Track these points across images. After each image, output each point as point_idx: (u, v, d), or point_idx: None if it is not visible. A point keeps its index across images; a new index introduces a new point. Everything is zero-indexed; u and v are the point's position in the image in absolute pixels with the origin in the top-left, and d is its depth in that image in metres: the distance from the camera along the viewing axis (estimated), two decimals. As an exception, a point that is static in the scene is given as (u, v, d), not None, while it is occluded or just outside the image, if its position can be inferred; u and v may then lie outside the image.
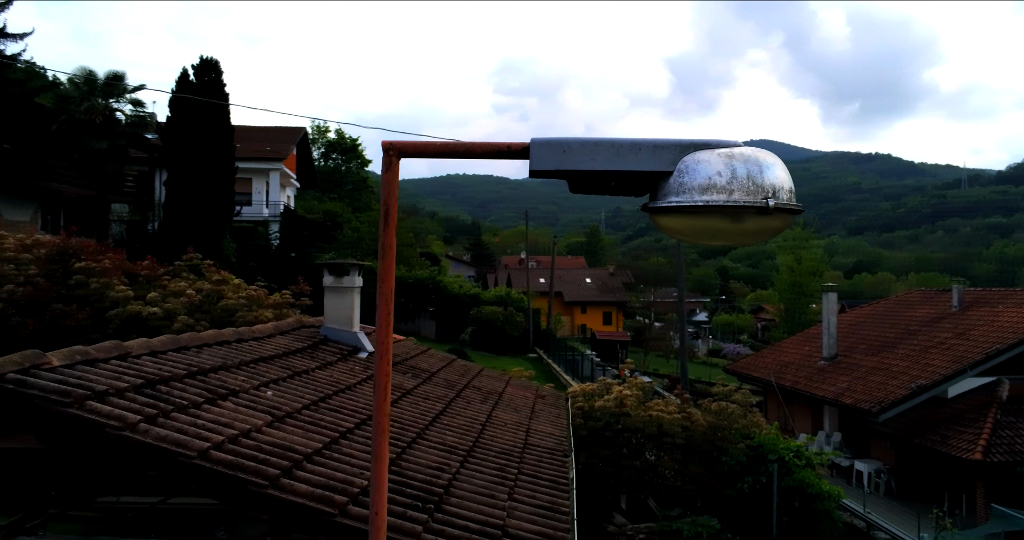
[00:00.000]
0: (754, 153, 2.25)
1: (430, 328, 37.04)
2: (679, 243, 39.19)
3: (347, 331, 7.58)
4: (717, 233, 2.32)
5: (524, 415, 7.35)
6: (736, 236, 2.33)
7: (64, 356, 4.24)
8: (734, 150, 2.24)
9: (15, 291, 10.17)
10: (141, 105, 28.02)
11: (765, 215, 2.21)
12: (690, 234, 2.35)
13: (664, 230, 2.32)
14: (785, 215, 2.29)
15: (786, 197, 2.24)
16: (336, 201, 56.45)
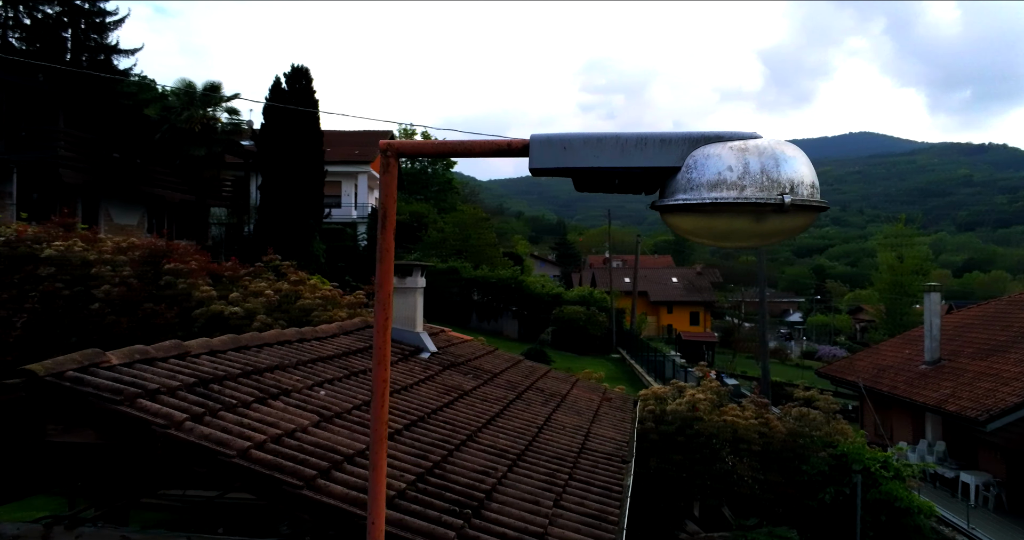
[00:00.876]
0: (771, 145, 2.07)
1: (512, 328, 37.15)
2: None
3: (410, 331, 7.63)
4: (731, 233, 2.15)
5: (586, 418, 7.20)
6: (752, 236, 2.16)
7: (124, 355, 4.42)
8: (749, 143, 2.07)
9: (111, 291, 10.79)
10: (236, 113, 29.38)
11: (782, 213, 2.03)
12: (704, 235, 2.19)
13: (676, 231, 2.17)
14: (807, 213, 2.11)
15: (807, 192, 2.06)
16: (422, 202, 57.56)
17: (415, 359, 7.22)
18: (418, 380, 6.43)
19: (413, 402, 5.72)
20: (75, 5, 45.35)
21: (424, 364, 7.12)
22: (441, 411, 5.76)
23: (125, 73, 47.68)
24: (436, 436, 5.08)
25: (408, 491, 3.94)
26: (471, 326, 37.35)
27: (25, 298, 11.07)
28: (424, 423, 5.32)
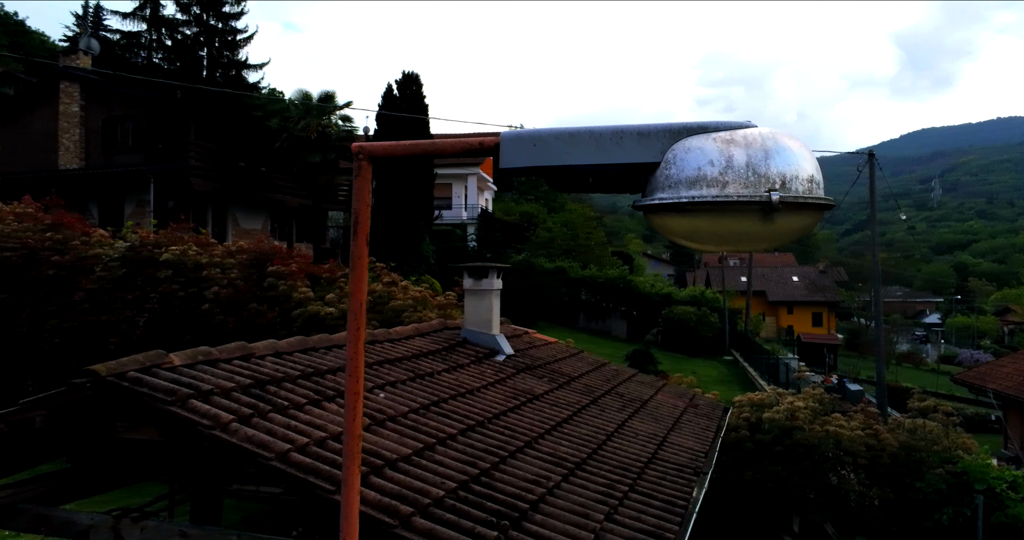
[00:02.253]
0: (762, 136, 1.85)
1: (621, 328, 36.60)
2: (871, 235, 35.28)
3: (486, 333, 7.60)
4: (717, 235, 1.93)
5: (664, 426, 6.90)
6: (742, 239, 1.94)
7: (186, 356, 4.61)
8: (737, 134, 1.85)
9: (219, 292, 11.43)
10: (349, 120, 30.57)
11: (773, 213, 1.81)
12: (689, 237, 1.98)
13: (663, 233, 1.97)
14: (806, 212, 1.86)
15: (802, 188, 1.82)
16: (532, 202, 57.82)
17: (489, 362, 7.17)
18: (487, 383, 6.37)
19: (476, 406, 5.66)
20: (210, 25, 48.68)
21: (497, 367, 7.06)
22: (504, 416, 5.67)
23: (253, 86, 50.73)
24: (492, 442, 4.99)
25: (446, 499, 3.88)
26: (579, 326, 37.13)
27: (146, 299, 11.92)
28: (482, 428, 5.24)
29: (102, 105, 26.66)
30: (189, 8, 47.34)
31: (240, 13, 49.32)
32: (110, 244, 12.64)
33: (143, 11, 47.17)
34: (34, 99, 27.15)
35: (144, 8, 46.98)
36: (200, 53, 47.94)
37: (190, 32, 47.49)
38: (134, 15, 47.07)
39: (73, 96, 26.40)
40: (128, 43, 47.78)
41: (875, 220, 18.02)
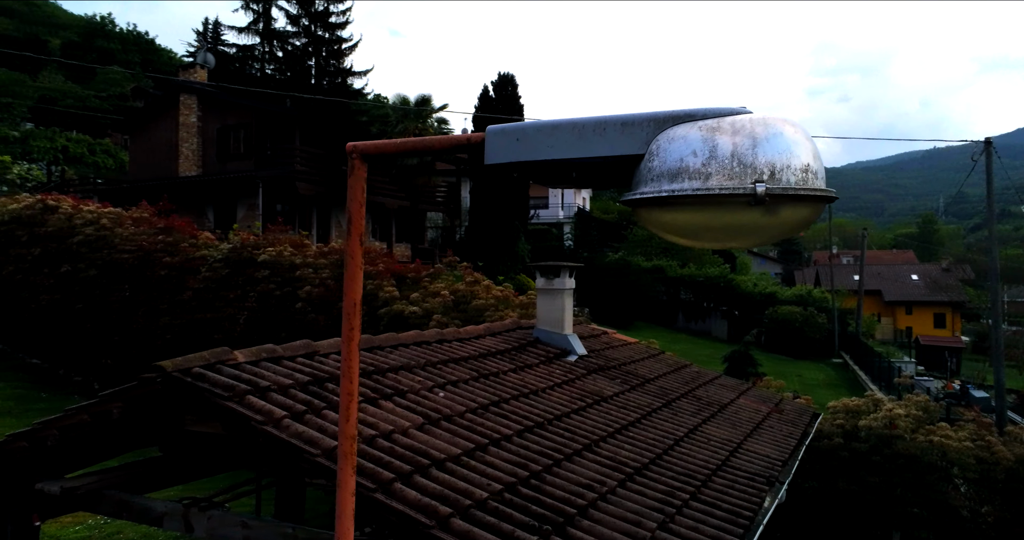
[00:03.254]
0: (751, 123, 1.72)
1: (721, 328, 35.52)
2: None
3: (558, 333, 7.51)
4: (712, 231, 1.83)
5: (741, 431, 6.60)
6: (731, 234, 1.81)
7: (251, 353, 4.78)
8: (724, 121, 1.72)
9: (311, 291, 11.88)
10: (446, 123, 31.23)
11: (759, 206, 1.68)
12: (678, 232, 1.87)
13: (651, 229, 1.87)
14: (800, 203, 1.72)
15: (794, 179, 1.68)
16: (631, 200, 57.07)
17: (559, 362, 7.08)
18: (553, 384, 6.29)
19: (538, 407, 5.60)
20: (317, 36, 50.82)
21: (567, 368, 6.96)
22: (567, 417, 5.57)
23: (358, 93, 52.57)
24: (549, 444, 4.91)
25: (490, 501, 3.83)
26: (677, 326, 36.33)
27: (246, 297, 12.55)
28: (541, 430, 5.17)
29: (217, 115, 28.34)
30: (298, 20, 49.62)
31: (345, 23, 51.21)
32: (215, 246, 13.39)
33: (256, 25, 49.78)
34: (158, 111, 29.21)
35: (257, 22, 49.59)
36: (308, 63, 50.15)
37: (299, 43, 49.78)
38: (248, 29, 49.73)
39: (191, 108, 28.19)
40: (243, 56, 50.56)
41: (993, 212, 16.67)
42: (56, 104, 44.36)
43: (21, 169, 27.35)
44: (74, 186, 27.98)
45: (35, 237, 14.38)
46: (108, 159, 34.34)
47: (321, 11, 49.53)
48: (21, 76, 49.34)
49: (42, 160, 31.89)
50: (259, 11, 48.76)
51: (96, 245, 13.80)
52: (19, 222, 14.63)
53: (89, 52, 60.09)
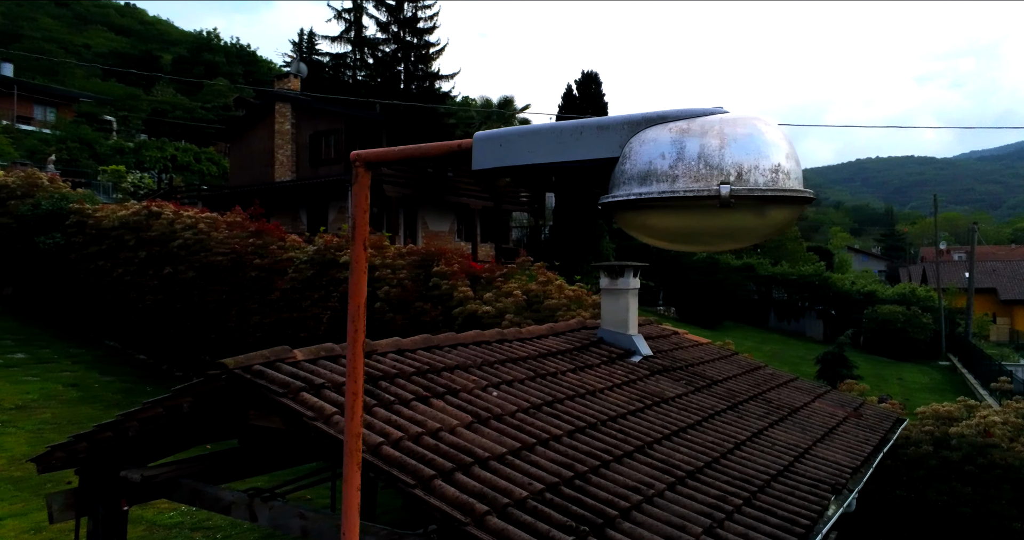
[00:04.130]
0: (722, 123, 1.71)
1: (816, 328, 34.13)
2: None
3: (622, 333, 7.45)
4: (683, 234, 1.83)
5: (811, 436, 6.35)
6: (706, 238, 1.81)
7: (310, 352, 4.99)
8: (695, 122, 1.72)
9: (389, 292, 12.22)
10: (527, 123, 31.38)
11: (727, 209, 1.66)
12: (651, 235, 1.88)
13: (627, 231, 1.89)
14: (775, 205, 1.69)
15: (763, 179, 1.66)
16: (721, 197, 55.76)
17: (621, 363, 7.02)
18: (612, 385, 6.25)
19: (593, 408, 5.58)
20: (406, 41, 52.08)
21: (629, 368, 6.90)
22: (622, 419, 5.53)
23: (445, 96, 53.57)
24: (599, 445, 4.90)
25: (529, 500, 3.87)
26: (769, 326, 35.17)
27: (329, 297, 13.03)
28: (593, 430, 5.16)
29: (309, 122, 29.51)
30: (388, 27, 51.02)
31: (433, 28, 52.27)
32: (301, 248, 13.97)
33: (348, 34, 51.52)
34: (255, 120, 30.70)
35: (349, 31, 51.31)
36: (398, 68, 51.48)
37: (388, 49, 51.19)
38: (340, 38, 51.52)
39: (286, 115, 29.47)
40: (336, 64, 52.42)
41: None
42: (166, 116, 47.34)
43: (134, 178, 29.32)
44: (181, 193, 29.76)
45: (141, 241, 15.40)
46: (212, 166, 36.37)
47: (409, 17, 50.77)
48: (136, 91, 52.94)
49: (153, 169, 34.08)
50: (350, 20, 50.45)
51: (194, 248, 14.65)
52: (127, 227, 15.71)
53: (197, 65, 63.75)
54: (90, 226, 16.27)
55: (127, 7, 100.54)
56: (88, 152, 32.28)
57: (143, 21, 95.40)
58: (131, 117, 47.23)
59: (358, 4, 51.06)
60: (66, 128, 34.43)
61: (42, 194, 17.54)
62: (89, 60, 63.43)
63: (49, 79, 48.58)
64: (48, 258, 16.61)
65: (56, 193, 17.63)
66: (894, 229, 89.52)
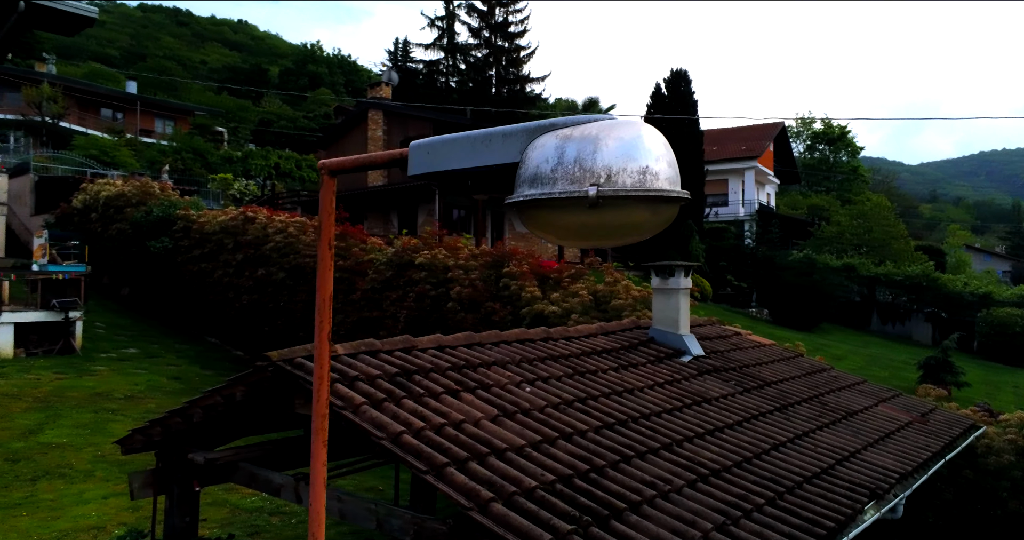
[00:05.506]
0: (599, 129, 1.88)
1: (924, 332, 32.27)
2: None
3: (673, 333, 7.44)
4: (569, 231, 2.00)
5: (862, 440, 6.17)
6: (588, 235, 1.97)
7: (351, 347, 5.33)
8: (577, 128, 1.90)
9: (461, 292, 12.58)
10: (614, 123, 31.24)
11: (597, 208, 1.82)
12: (545, 232, 2.04)
13: (531, 231, 2.07)
14: (646, 204, 1.83)
15: (630, 181, 1.81)
16: (823, 194, 53.39)
17: (669, 362, 7.03)
18: (653, 384, 6.29)
19: (626, 405, 5.66)
20: (497, 46, 52.82)
21: (676, 368, 6.90)
22: (655, 417, 5.58)
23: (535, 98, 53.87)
24: (624, 441, 4.98)
25: (538, 490, 4.02)
26: (871, 329, 33.53)
27: (406, 297, 13.54)
28: (622, 427, 5.24)
29: (400, 128, 30.52)
30: (480, 33, 51.94)
31: (523, 32, 52.77)
32: (381, 250, 14.57)
33: (441, 41, 52.78)
34: (350, 126, 32.02)
35: (441, 38, 52.56)
36: (489, 73, 52.33)
37: (480, 54, 52.11)
38: (433, 45, 52.85)
39: (378, 122, 30.59)
40: (429, 71, 53.80)
41: None
42: (271, 126, 50.00)
43: (240, 185, 31.19)
44: (282, 198, 31.39)
45: (238, 244, 16.47)
46: (312, 173, 38.13)
47: (500, 22, 51.54)
48: (245, 103, 56.13)
49: (259, 176, 36.10)
50: (443, 28, 51.72)
51: (284, 251, 15.54)
52: (226, 231, 16.83)
53: (301, 77, 66.95)
54: (194, 231, 17.53)
55: (240, 24, 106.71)
56: (200, 161, 34.56)
57: (254, 36, 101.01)
58: (240, 128, 50.17)
59: (451, 11, 52.28)
60: (181, 139, 37.00)
61: (154, 202, 19.02)
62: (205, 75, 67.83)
63: (168, 94, 52.29)
64: (158, 261, 18.00)
65: (166, 201, 19.08)
66: (1021, 226, 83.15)
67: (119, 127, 40.67)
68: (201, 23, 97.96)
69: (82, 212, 20.40)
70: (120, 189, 19.83)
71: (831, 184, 55.11)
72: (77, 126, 38.07)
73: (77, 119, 38.87)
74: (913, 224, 58.93)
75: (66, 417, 11.85)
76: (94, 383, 13.70)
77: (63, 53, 56.93)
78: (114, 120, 42.07)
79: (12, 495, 9.12)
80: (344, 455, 6.73)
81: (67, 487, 9.55)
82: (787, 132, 49.31)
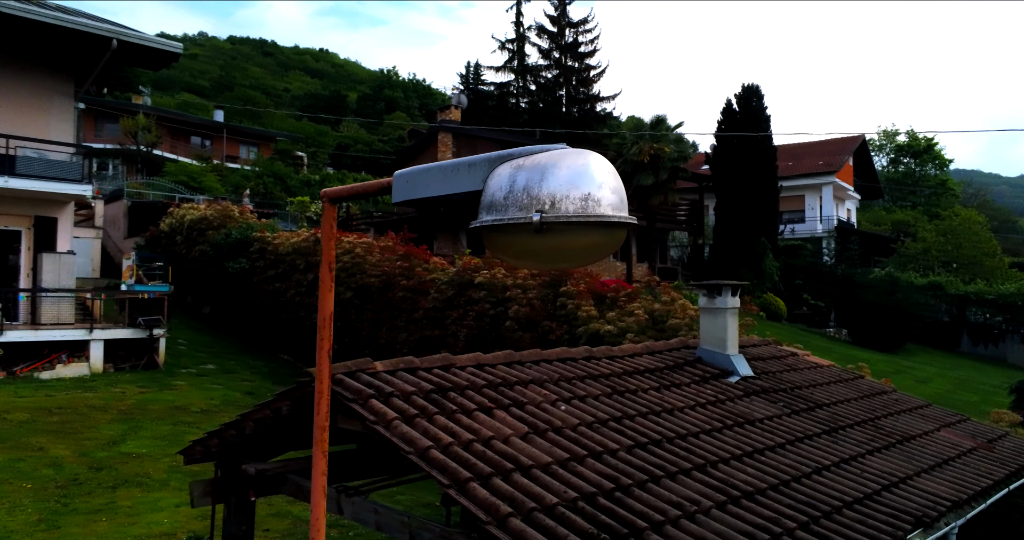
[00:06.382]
0: (548, 158, 2.00)
1: (1020, 354, 30.41)
2: None
3: (720, 353, 7.35)
4: (522, 255, 2.11)
5: (915, 466, 5.93)
6: (539, 258, 2.08)
7: (390, 364, 5.52)
8: (529, 158, 2.04)
9: (519, 311, 12.71)
10: (682, 142, 30.89)
11: (542, 233, 1.94)
12: (504, 256, 2.15)
13: (493, 253, 2.20)
14: (586, 229, 1.93)
15: (572, 207, 1.93)
16: (908, 209, 51.20)
17: (715, 383, 6.94)
18: (695, 404, 6.24)
19: (663, 426, 5.64)
20: (567, 66, 53.22)
21: (721, 388, 6.81)
22: (692, 437, 5.54)
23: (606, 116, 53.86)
24: (656, 461, 4.97)
25: (558, 507, 4.08)
26: (960, 351, 31.86)
27: (466, 316, 13.76)
28: (656, 446, 5.23)
29: (467, 149, 31.11)
30: (550, 53, 52.48)
31: (593, 51, 53.01)
32: (443, 270, 14.87)
33: (511, 63, 53.55)
34: (421, 149, 32.87)
35: (512, 60, 53.32)
36: (559, 93, 52.75)
37: (550, 75, 52.61)
38: (504, 67, 53.66)
39: (447, 144, 31.30)
40: (500, 93, 54.60)
41: None
42: (349, 150, 51.73)
43: (316, 207, 32.34)
44: (356, 220, 32.39)
45: (309, 265, 17.12)
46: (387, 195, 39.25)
47: (571, 43, 51.97)
48: (324, 128, 58.28)
49: (335, 198, 37.37)
50: (513, 50, 52.50)
51: (351, 271, 16.06)
52: (298, 252, 17.53)
53: (378, 101, 69.06)
54: (269, 252, 18.33)
55: (321, 52, 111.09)
56: (280, 185, 36.07)
57: (334, 64, 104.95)
58: (319, 152, 52.10)
59: (521, 34, 53.06)
60: (263, 165, 38.73)
61: (233, 224, 20.00)
62: (288, 102, 70.90)
63: (253, 122, 54.84)
64: (236, 281, 18.88)
65: (244, 223, 20.03)
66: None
67: (207, 154, 42.93)
68: (285, 53, 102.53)
69: (168, 235, 21.62)
70: (203, 213, 20.94)
71: (917, 199, 52.83)
72: (169, 153, 40.39)
73: (169, 147, 41.24)
74: (1011, 240, 55.71)
75: (146, 429, 12.54)
76: (173, 397, 14.46)
77: (158, 85, 60.64)
78: (202, 147, 44.43)
79: (94, 501, 9.71)
80: (403, 472, 6.93)
81: (144, 495, 10.10)
82: (868, 145, 47.60)
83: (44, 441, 11.57)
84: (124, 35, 15.87)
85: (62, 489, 9.94)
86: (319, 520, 2.67)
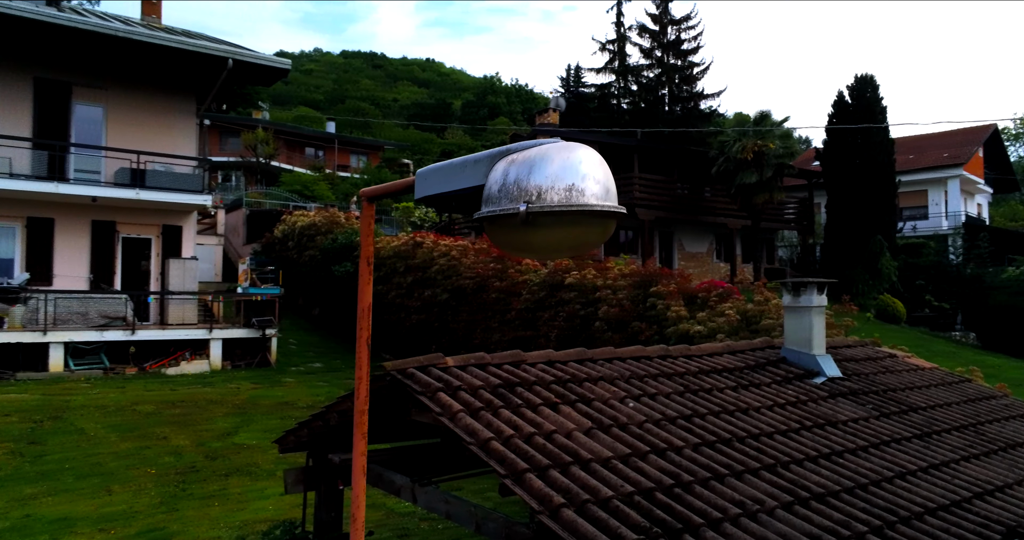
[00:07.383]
0: (537, 152, 2.13)
1: None
2: None
3: (806, 353, 7.09)
4: (516, 246, 2.23)
5: (1017, 475, 5.52)
6: (531, 249, 2.21)
7: (461, 359, 5.70)
8: (520, 153, 2.17)
9: (608, 311, 12.69)
10: (788, 138, 29.71)
11: (528, 223, 2.05)
12: (501, 247, 2.27)
13: (496, 245, 2.31)
14: (571, 218, 2.03)
15: (557, 198, 2.04)
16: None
17: (798, 383, 6.71)
18: (773, 404, 6.07)
19: (735, 425, 5.53)
20: (670, 64, 52.35)
21: (805, 390, 6.58)
22: (766, 438, 5.41)
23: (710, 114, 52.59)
24: (722, 460, 4.90)
25: (613, 501, 4.11)
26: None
27: (556, 317, 13.86)
28: (725, 445, 5.15)
29: (567, 152, 31.18)
30: (651, 53, 51.76)
31: (696, 48, 51.88)
32: (535, 271, 15.04)
33: (612, 64, 53.24)
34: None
35: (613, 61, 53.00)
36: (661, 92, 51.90)
37: (652, 74, 51.85)
38: (605, 68, 53.41)
39: (546, 148, 31.48)
40: (601, 94, 54.36)
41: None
42: (453, 156, 53.01)
43: (420, 212, 33.36)
44: (458, 224, 33.14)
45: (408, 268, 17.72)
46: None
47: (673, 40, 51.03)
48: (430, 136, 59.97)
49: (438, 204, 38.38)
50: (614, 51, 52.16)
51: (448, 273, 16.50)
52: (398, 256, 18.18)
53: (481, 108, 70.33)
54: (371, 256, 19.10)
55: (428, 62, 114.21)
56: (386, 192, 37.41)
57: (440, 73, 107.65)
58: (425, 159, 53.61)
59: (621, 34, 52.61)
60: (371, 173, 40.30)
61: (339, 230, 20.97)
62: (396, 111, 73.38)
63: (363, 132, 57.17)
64: (341, 283, 19.78)
65: (349, 229, 20.96)
66: None
67: (320, 164, 45.12)
68: (393, 64, 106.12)
69: (281, 241, 22.94)
70: (312, 219, 22.08)
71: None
72: (285, 164, 42.75)
73: (285, 158, 43.65)
74: None
75: (257, 422, 13.38)
76: (282, 393, 15.33)
77: (277, 100, 64.27)
78: (316, 158, 46.73)
79: (208, 487, 10.48)
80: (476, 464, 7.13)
81: (252, 483, 10.80)
82: (1001, 134, 44.11)
83: (167, 431, 12.57)
84: (239, 55, 17.03)
85: (181, 475, 10.78)
86: (359, 497, 2.85)
